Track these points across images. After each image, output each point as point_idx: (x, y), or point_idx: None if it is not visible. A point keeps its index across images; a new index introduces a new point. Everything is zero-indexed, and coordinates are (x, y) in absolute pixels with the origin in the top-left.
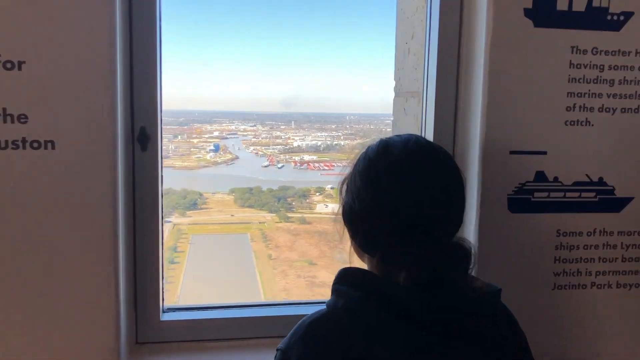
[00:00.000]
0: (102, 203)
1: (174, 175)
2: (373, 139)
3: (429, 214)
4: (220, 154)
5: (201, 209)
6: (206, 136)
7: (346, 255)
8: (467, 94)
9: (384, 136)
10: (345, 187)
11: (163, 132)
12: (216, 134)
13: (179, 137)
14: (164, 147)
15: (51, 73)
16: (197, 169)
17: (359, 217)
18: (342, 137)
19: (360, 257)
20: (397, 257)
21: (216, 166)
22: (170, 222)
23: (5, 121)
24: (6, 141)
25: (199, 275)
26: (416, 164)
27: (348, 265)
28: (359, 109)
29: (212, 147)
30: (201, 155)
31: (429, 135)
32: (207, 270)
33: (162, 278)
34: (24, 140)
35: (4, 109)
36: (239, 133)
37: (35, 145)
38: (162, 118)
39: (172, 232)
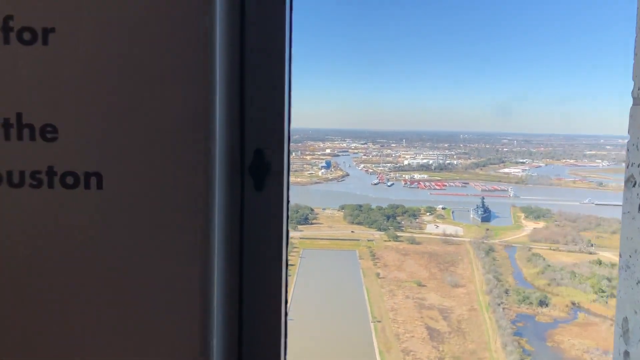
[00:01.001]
0: (182, 276)
1: None
2: None
3: None
4: (331, 170)
5: (312, 223)
6: (319, 153)
7: None
8: None
9: None
10: None
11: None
12: (328, 151)
13: (293, 153)
14: None
15: (95, 51)
16: (309, 185)
17: None
18: (455, 157)
19: None
20: None
21: (327, 182)
22: None
23: (20, 137)
24: (21, 173)
25: (308, 289)
26: None
27: None
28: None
29: (323, 164)
30: (313, 172)
31: None
32: (317, 285)
33: None
34: (50, 172)
35: (19, 115)
36: (350, 150)
37: (70, 180)
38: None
39: None
